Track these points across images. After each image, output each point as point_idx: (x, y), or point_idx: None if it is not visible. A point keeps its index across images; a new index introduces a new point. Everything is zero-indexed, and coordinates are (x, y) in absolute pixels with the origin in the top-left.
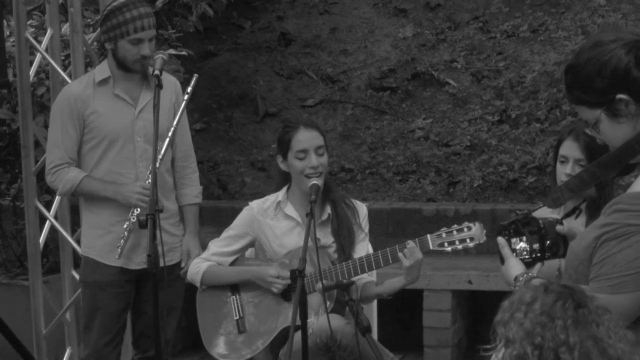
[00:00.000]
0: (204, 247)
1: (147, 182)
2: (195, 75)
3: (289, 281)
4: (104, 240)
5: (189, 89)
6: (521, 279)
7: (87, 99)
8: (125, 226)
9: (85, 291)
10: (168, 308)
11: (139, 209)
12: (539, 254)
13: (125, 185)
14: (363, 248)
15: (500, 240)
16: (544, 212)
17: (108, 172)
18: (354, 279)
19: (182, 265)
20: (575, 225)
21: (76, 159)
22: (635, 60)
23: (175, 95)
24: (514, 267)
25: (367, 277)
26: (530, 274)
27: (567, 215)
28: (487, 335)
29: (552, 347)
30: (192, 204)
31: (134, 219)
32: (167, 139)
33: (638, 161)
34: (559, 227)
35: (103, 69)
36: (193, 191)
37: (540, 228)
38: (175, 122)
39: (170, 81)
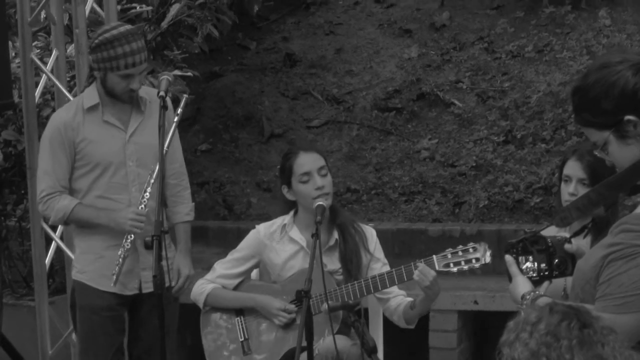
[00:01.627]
0: (196, 265)
1: (140, 207)
2: (185, 95)
3: (294, 316)
4: (95, 265)
5: (179, 110)
6: (528, 297)
7: (77, 126)
8: (119, 252)
9: (79, 315)
10: (165, 330)
11: (132, 236)
12: (546, 273)
13: (118, 212)
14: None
15: (508, 258)
16: (551, 232)
17: (99, 197)
18: (391, 304)
19: (172, 284)
20: (583, 244)
21: (68, 186)
22: None
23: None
24: (521, 285)
25: (405, 300)
26: (537, 292)
27: (575, 234)
28: (492, 355)
29: None
30: (184, 221)
31: (128, 245)
32: (158, 165)
33: None
34: (567, 246)
35: (91, 95)
36: (184, 209)
37: (548, 246)
38: (166, 145)
39: (153, 97)
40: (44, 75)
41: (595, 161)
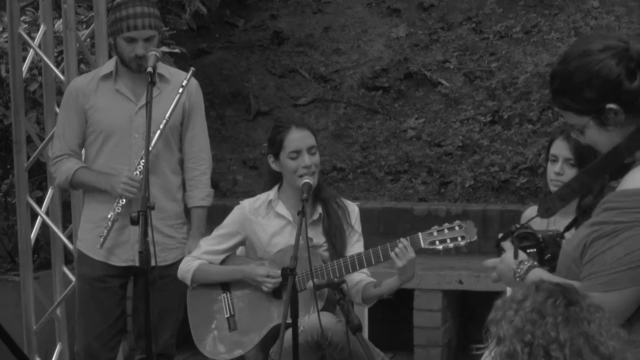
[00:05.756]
0: None
1: (134, 173)
2: (192, 69)
3: (279, 280)
4: (92, 234)
5: (184, 82)
6: (527, 263)
7: (88, 93)
8: (109, 216)
9: (77, 283)
10: (164, 310)
11: (124, 200)
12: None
13: (116, 176)
14: (357, 250)
15: (506, 244)
16: (534, 213)
17: (104, 166)
18: (353, 277)
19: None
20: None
21: (77, 151)
22: (626, 71)
23: (188, 95)
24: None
25: (367, 279)
26: (534, 263)
27: (568, 228)
28: (477, 335)
29: (543, 344)
30: (198, 206)
31: (118, 209)
32: (158, 133)
33: (631, 161)
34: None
35: (110, 64)
36: (200, 194)
37: (539, 242)
38: (167, 116)
39: (179, 79)
40: (32, 50)
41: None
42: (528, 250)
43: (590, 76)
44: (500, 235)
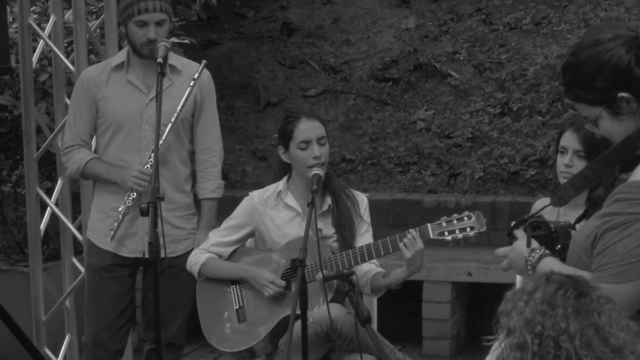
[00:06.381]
0: None
1: (145, 166)
2: (203, 61)
3: (282, 289)
4: (102, 224)
5: (196, 75)
6: (539, 251)
7: (100, 83)
8: (120, 209)
9: (86, 272)
10: (173, 300)
11: (135, 193)
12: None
13: (127, 169)
14: (366, 240)
15: (518, 232)
16: (544, 204)
17: (114, 157)
18: (362, 267)
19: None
20: None
21: (88, 141)
22: (636, 58)
23: (199, 87)
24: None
25: (376, 269)
26: (546, 251)
27: (579, 219)
28: (486, 326)
29: (553, 335)
30: (208, 198)
31: (129, 202)
32: (169, 126)
33: None
34: (572, 232)
35: (121, 54)
36: (210, 185)
37: (551, 232)
38: (178, 109)
39: (191, 71)
40: (42, 40)
41: (591, 134)
42: (539, 233)
43: (601, 65)
44: (513, 223)
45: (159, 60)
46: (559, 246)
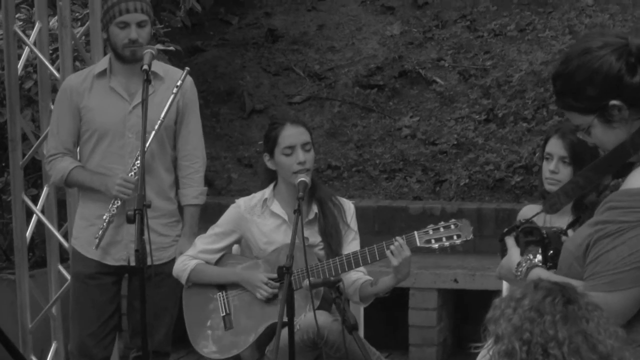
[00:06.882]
0: None
1: (129, 174)
2: (187, 68)
3: (275, 291)
4: (87, 232)
5: (179, 82)
6: (524, 264)
7: (82, 91)
8: (104, 217)
9: (71, 280)
10: (159, 308)
11: (119, 201)
12: (540, 264)
13: (111, 177)
14: (353, 248)
15: (509, 239)
16: (533, 210)
17: (98, 165)
18: (350, 276)
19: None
20: None
21: (72, 149)
22: (626, 66)
23: (182, 94)
24: (515, 255)
25: (364, 277)
26: (533, 262)
27: (571, 225)
28: (472, 334)
29: (541, 342)
30: (190, 204)
31: (114, 210)
32: (153, 133)
33: (634, 161)
34: (564, 238)
35: (104, 62)
36: (193, 192)
37: (543, 238)
38: (162, 116)
39: (174, 77)
40: (27, 47)
41: (577, 140)
42: (531, 245)
43: (591, 73)
44: (505, 230)
45: (145, 67)
46: (551, 252)
